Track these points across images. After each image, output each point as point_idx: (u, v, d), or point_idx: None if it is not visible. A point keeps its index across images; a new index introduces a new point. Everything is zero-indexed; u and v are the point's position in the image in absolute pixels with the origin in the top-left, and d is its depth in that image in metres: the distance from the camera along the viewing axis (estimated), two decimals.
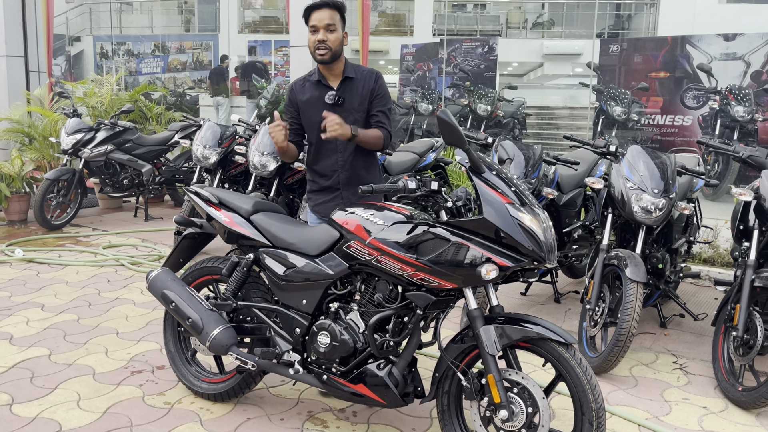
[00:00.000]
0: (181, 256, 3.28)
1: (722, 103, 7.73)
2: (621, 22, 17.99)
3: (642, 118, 8.67)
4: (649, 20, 16.40)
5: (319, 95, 3.05)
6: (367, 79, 3.07)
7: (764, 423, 3.01)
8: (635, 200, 3.46)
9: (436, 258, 2.36)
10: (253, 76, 11.44)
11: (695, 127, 8.74)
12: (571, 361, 2.29)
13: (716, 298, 4.84)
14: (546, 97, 12.42)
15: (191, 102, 14.10)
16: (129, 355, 3.63)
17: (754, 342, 3.11)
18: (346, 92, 3.04)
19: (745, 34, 8.49)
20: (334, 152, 3.08)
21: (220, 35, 16.70)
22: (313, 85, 3.08)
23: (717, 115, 7.87)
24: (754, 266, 3.21)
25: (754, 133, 7.89)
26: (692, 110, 8.75)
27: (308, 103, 3.07)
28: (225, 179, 5.92)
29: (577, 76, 16.72)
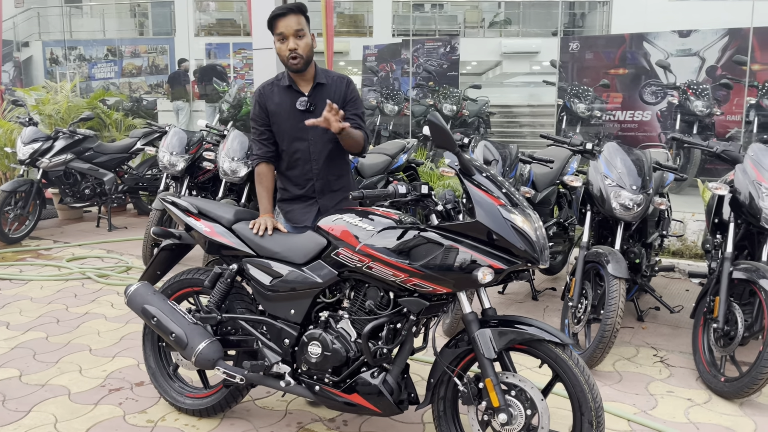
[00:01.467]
0: (159, 268, 3.17)
1: (681, 98, 7.92)
2: (575, 21, 18.34)
3: (604, 115, 8.82)
4: (603, 18, 16.77)
5: (290, 101, 2.96)
6: (338, 85, 3.01)
7: (748, 412, 3.07)
8: (614, 197, 3.50)
9: (430, 263, 2.32)
10: (214, 80, 11.24)
11: (654, 122, 8.94)
12: (568, 361, 2.29)
13: (687, 289, 4.95)
14: (507, 96, 12.55)
15: (148, 107, 13.79)
16: (105, 372, 3.50)
17: (735, 333, 3.17)
18: (318, 98, 2.96)
19: (700, 31, 8.72)
20: (307, 161, 3.00)
21: (176, 38, 16.38)
22: (283, 90, 2.98)
23: (676, 110, 8.06)
24: (732, 258, 3.27)
25: (712, 126, 8.12)
26: (651, 106, 8.95)
27: (279, 109, 2.97)
28: (193, 186, 5.78)
29: (535, 74, 16.98)
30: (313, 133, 2.95)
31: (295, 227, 3.04)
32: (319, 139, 2.96)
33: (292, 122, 2.95)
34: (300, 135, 2.97)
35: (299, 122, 2.93)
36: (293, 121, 2.95)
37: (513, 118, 10.76)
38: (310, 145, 2.98)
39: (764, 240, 3.37)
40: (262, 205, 3.01)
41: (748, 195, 3.21)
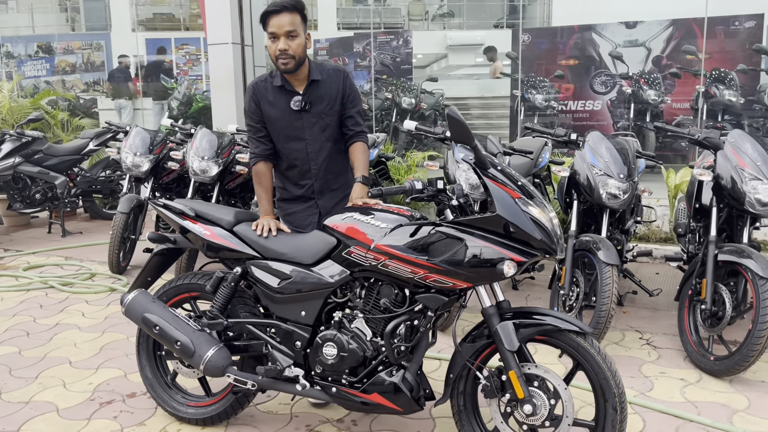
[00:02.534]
0: (150, 274, 3.05)
1: (634, 87, 8.16)
2: (516, 13, 18.64)
3: (558, 105, 9.02)
4: (544, 10, 17.11)
5: (284, 101, 2.88)
6: (334, 79, 2.92)
7: (739, 389, 3.20)
8: (602, 186, 3.57)
9: (451, 258, 2.31)
10: (162, 77, 10.87)
11: (605, 110, 9.20)
12: (590, 349, 2.32)
13: (657, 273, 5.12)
14: (459, 88, 12.64)
15: (85, 106, 13.24)
16: (91, 385, 3.35)
17: (723, 314, 3.30)
18: (313, 96, 2.88)
19: (645, 22, 9.01)
20: (305, 161, 2.94)
21: (112, 34, 15.77)
22: (276, 90, 2.88)
23: (630, 99, 8.31)
24: (716, 241, 3.40)
25: (661, 114, 8.42)
26: (601, 95, 9.21)
27: (273, 111, 2.89)
28: (157, 187, 5.58)
29: (480, 65, 17.17)
30: (310, 133, 2.89)
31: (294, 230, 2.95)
32: (317, 139, 2.90)
33: (288, 123, 2.87)
34: (297, 135, 2.89)
35: (295, 122, 2.87)
36: (289, 122, 2.87)
37: (468, 110, 10.85)
38: (308, 144, 2.91)
39: (744, 223, 3.51)
40: (263, 206, 2.93)
41: (731, 180, 3.34)
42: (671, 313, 4.25)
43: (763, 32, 8.29)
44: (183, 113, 9.68)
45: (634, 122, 8.14)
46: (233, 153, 5.18)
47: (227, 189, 5.35)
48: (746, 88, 7.90)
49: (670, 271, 5.13)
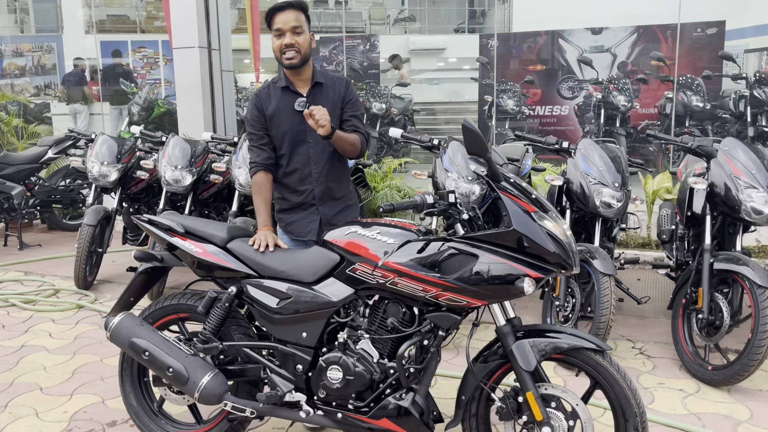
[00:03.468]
0: (133, 294, 2.84)
1: (604, 92, 8.24)
2: (476, 18, 18.78)
3: (527, 110, 9.05)
4: (504, 15, 17.26)
5: (287, 102, 2.85)
6: (336, 85, 2.91)
7: (738, 398, 3.19)
8: (597, 194, 3.53)
9: (466, 275, 2.20)
10: (121, 81, 10.49)
11: (572, 115, 9.29)
12: (609, 368, 2.25)
13: (639, 279, 5.13)
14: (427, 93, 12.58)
15: (37, 110, 12.71)
16: (67, 414, 3.12)
17: (721, 323, 3.28)
18: (317, 98, 2.85)
19: (611, 28, 9.13)
20: (306, 164, 2.88)
21: (64, 36, 15.22)
22: (280, 92, 2.86)
23: (599, 105, 8.38)
24: (711, 250, 3.38)
25: (629, 119, 8.52)
26: (568, 100, 9.29)
27: (276, 111, 2.85)
28: (125, 197, 5.33)
29: (442, 70, 17.20)
30: (312, 136, 2.83)
31: (297, 240, 2.88)
32: (320, 142, 2.84)
33: (292, 124, 2.83)
34: (300, 137, 2.85)
35: (299, 124, 2.82)
36: (292, 123, 2.83)
37: (436, 115, 10.81)
38: (310, 147, 2.86)
39: (736, 230, 3.51)
40: (261, 218, 2.80)
41: (726, 188, 3.33)
42: (659, 320, 4.26)
43: (725, 39, 8.49)
44: (144, 119, 9.35)
45: (604, 127, 8.21)
46: (207, 162, 4.98)
47: (200, 199, 5.14)
48: (711, 93, 8.06)
49: (651, 277, 5.15)
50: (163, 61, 13.51)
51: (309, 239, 2.87)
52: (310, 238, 2.87)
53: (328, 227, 2.77)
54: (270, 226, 2.75)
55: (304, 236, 2.88)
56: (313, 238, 2.87)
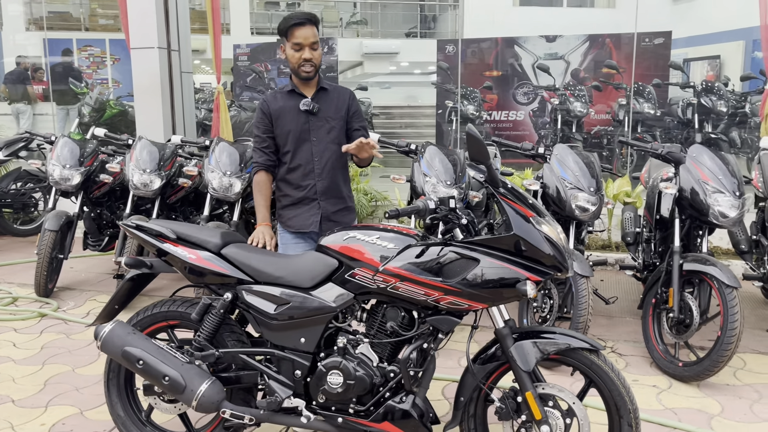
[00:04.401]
0: (119, 302, 2.78)
1: (561, 99, 8.47)
2: (428, 23, 19.00)
3: (485, 115, 9.22)
4: (455, 21, 17.52)
5: (293, 103, 3.04)
6: (341, 94, 3.13)
7: (708, 393, 3.34)
8: (573, 199, 3.64)
9: (469, 279, 2.25)
10: (71, 80, 10.13)
11: (527, 121, 9.51)
12: (603, 366, 2.33)
13: (602, 279, 5.30)
14: (381, 96, 12.68)
15: None
16: (44, 426, 3.02)
17: (691, 321, 3.43)
18: (321, 101, 3.06)
19: (564, 36, 9.40)
20: (310, 161, 3.05)
21: (3, 33, 14.61)
22: (286, 95, 3.06)
23: (556, 110, 8.61)
24: (680, 252, 3.54)
25: (583, 125, 8.79)
26: (524, 106, 9.51)
27: (282, 111, 3.04)
28: (86, 201, 5.17)
29: (395, 74, 17.34)
30: (316, 134, 3.03)
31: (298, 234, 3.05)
32: (322, 140, 3.03)
33: (296, 123, 3.01)
34: (304, 136, 3.02)
35: (303, 123, 3.01)
36: (297, 122, 3.01)
37: (394, 119, 10.89)
38: (313, 146, 3.03)
39: (702, 233, 3.68)
40: (260, 214, 2.97)
41: (694, 193, 3.49)
42: (625, 319, 4.42)
43: (671, 48, 8.87)
44: (95, 120, 9.08)
45: (561, 133, 8.45)
46: (176, 165, 4.89)
47: (168, 203, 5.04)
48: (660, 101, 8.40)
49: (614, 278, 5.34)
50: (110, 60, 13.13)
51: (311, 230, 3.03)
52: (312, 229, 3.02)
53: (327, 223, 3.06)
54: (268, 222, 2.83)
55: (306, 228, 3.03)
56: (315, 230, 3.03)
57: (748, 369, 3.63)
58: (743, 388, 3.41)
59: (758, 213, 4.42)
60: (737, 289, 3.26)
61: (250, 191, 4.64)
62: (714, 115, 7.97)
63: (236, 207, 4.52)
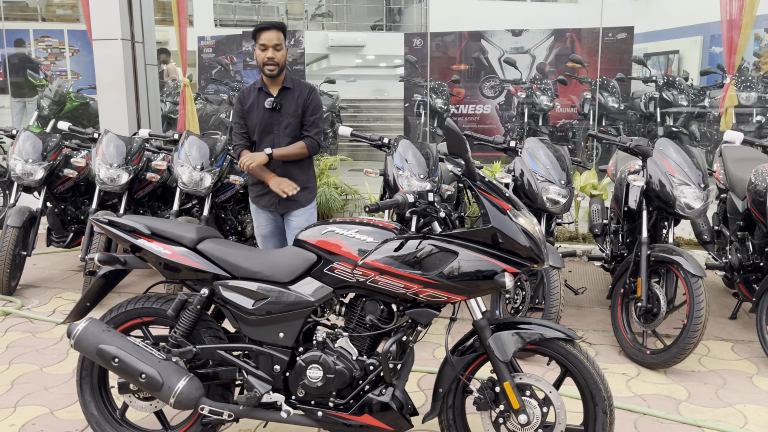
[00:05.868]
0: (91, 299, 2.73)
1: (528, 92, 8.56)
2: (393, 16, 18.95)
3: (452, 108, 9.27)
4: (421, 14, 17.52)
5: (260, 101, 3.55)
6: (302, 90, 3.60)
7: (675, 379, 3.44)
8: (544, 191, 3.70)
9: (447, 272, 2.28)
10: (29, 72, 9.84)
11: (494, 114, 9.60)
12: (578, 356, 2.38)
13: (570, 270, 5.40)
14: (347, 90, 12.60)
15: None
16: (14, 427, 2.95)
17: (658, 310, 3.52)
18: (284, 99, 3.56)
19: (530, 30, 9.50)
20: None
21: None
22: (256, 92, 3.58)
23: (523, 104, 8.70)
24: (647, 242, 3.63)
25: (548, 119, 8.91)
26: (490, 99, 9.59)
27: (251, 108, 3.57)
28: (50, 196, 5.05)
29: (361, 66, 17.27)
30: (277, 128, 3.54)
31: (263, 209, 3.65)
32: (281, 134, 3.56)
33: (261, 118, 3.54)
34: (267, 129, 3.54)
35: (267, 118, 3.54)
36: (261, 117, 3.54)
37: (361, 113, 10.86)
38: (275, 138, 3.56)
39: (669, 224, 3.78)
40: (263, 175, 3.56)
41: (661, 185, 3.57)
42: (594, 309, 4.51)
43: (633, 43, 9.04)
44: (55, 113, 8.85)
45: (528, 127, 8.54)
46: (143, 159, 4.80)
47: (135, 198, 4.95)
48: (623, 95, 8.56)
49: (581, 269, 5.44)
50: (69, 51, 12.80)
51: (273, 210, 3.64)
52: (273, 209, 3.63)
53: (286, 202, 3.58)
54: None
55: (268, 207, 3.64)
56: (277, 211, 3.64)
57: (712, 356, 3.74)
58: (708, 374, 3.51)
59: (720, 204, 4.56)
60: (702, 278, 3.36)
61: (220, 186, 4.59)
62: (675, 109, 8.15)
63: (206, 201, 4.47)
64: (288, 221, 3.67)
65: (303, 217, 3.63)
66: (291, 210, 3.63)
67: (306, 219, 3.62)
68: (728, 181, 4.35)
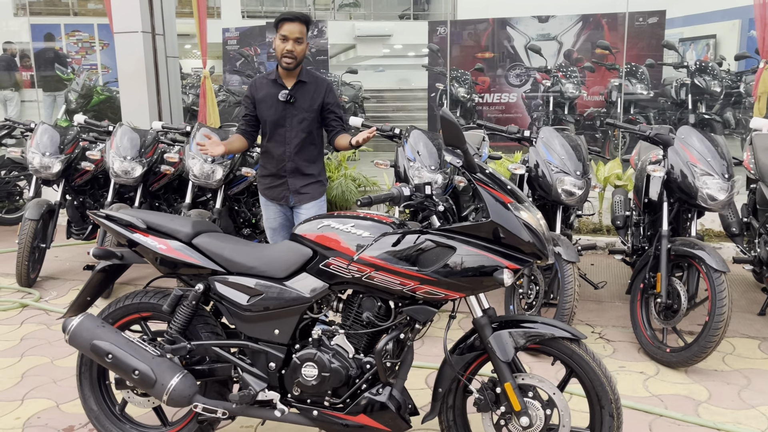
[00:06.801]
0: (90, 294, 2.71)
1: (553, 80, 8.35)
2: (422, 4, 18.76)
3: (477, 97, 9.10)
4: (449, 3, 17.29)
5: (273, 93, 3.41)
6: (318, 86, 3.46)
7: (695, 379, 3.29)
8: (559, 183, 3.56)
9: (444, 268, 2.18)
10: (57, 66, 9.98)
11: (520, 103, 9.40)
12: (584, 356, 2.27)
13: (592, 264, 5.24)
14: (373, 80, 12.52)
15: None
16: (20, 420, 2.96)
17: (679, 306, 3.37)
18: (298, 93, 3.42)
19: (557, 16, 9.25)
20: (282, 144, 3.46)
21: None
22: (270, 83, 3.44)
23: (548, 92, 8.49)
24: (668, 236, 3.47)
25: (575, 107, 8.68)
26: (516, 88, 9.39)
27: (263, 99, 3.43)
28: (69, 190, 5.08)
29: (388, 56, 17.14)
30: (290, 122, 3.42)
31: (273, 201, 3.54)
32: (295, 128, 3.44)
33: (274, 110, 3.41)
34: (280, 122, 3.43)
35: (280, 111, 3.41)
36: (275, 110, 3.41)
37: (386, 102, 10.76)
38: (287, 131, 3.44)
39: (691, 216, 3.61)
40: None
41: (683, 175, 3.41)
42: (615, 304, 4.36)
43: (665, 28, 8.74)
44: (82, 106, 8.96)
45: (553, 114, 8.34)
46: (158, 152, 4.80)
47: (151, 191, 4.96)
48: (653, 81, 8.29)
49: (604, 262, 5.28)
50: (99, 45, 12.96)
51: (283, 203, 3.54)
52: (284, 202, 3.53)
53: (297, 195, 3.51)
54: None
55: (278, 201, 3.54)
56: (287, 203, 3.53)
57: (737, 354, 3.58)
58: (732, 373, 3.35)
59: (749, 195, 4.35)
60: (725, 273, 3.20)
61: (232, 177, 4.56)
62: (708, 96, 7.85)
63: (219, 194, 4.44)
64: (298, 214, 3.60)
65: (313, 210, 3.56)
66: (301, 203, 3.55)
67: (316, 212, 3.54)
68: (758, 171, 4.13)
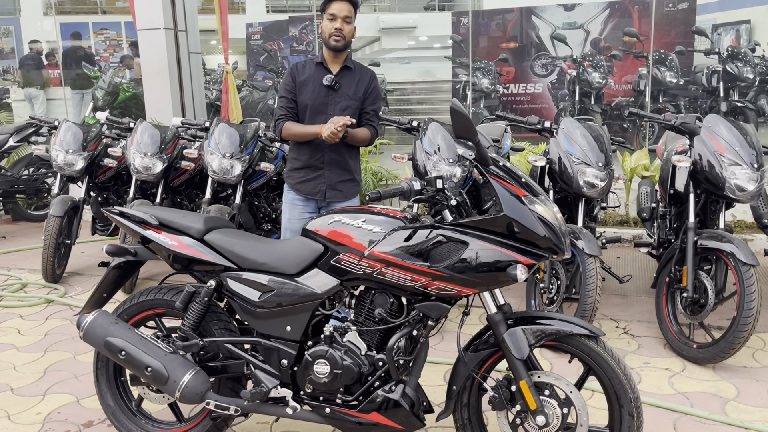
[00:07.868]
0: (106, 290, 2.71)
1: (578, 69, 8.19)
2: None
3: (501, 88, 8.98)
4: None
5: (318, 76, 3.22)
6: (363, 75, 3.31)
7: (723, 376, 3.19)
8: (581, 174, 3.48)
9: (456, 264, 2.13)
10: (84, 64, 10.13)
11: (546, 93, 9.25)
12: (603, 354, 2.20)
13: (618, 257, 5.13)
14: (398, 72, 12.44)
15: None
16: (40, 415, 2.99)
17: (705, 301, 3.27)
18: (343, 79, 3.24)
19: (583, 4, 9.07)
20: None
21: (21, 18, 14.67)
22: (314, 66, 3.26)
23: (573, 82, 8.33)
24: (695, 228, 3.36)
25: (602, 96, 8.50)
26: (542, 78, 9.24)
27: (306, 81, 3.24)
28: (92, 187, 5.14)
29: (413, 48, 17.05)
30: (332, 109, 3.21)
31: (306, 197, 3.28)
32: (336, 114, 3.17)
33: (316, 95, 3.22)
34: (321, 108, 3.22)
35: (322, 96, 3.22)
36: (316, 94, 3.22)
37: (410, 95, 10.69)
38: (327, 118, 3.17)
39: (719, 208, 3.49)
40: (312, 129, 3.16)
41: (709, 166, 3.29)
42: (641, 299, 4.25)
43: (696, 14, 8.50)
44: (109, 104, 9.06)
45: (578, 105, 8.18)
46: (178, 148, 4.82)
47: (172, 186, 4.98)
48: (683, 69, 8.07)
49: (630, 255, 5.16)
50: (126, 43, 13.12)
51: (319, 198, 3.27)
52: (319, 197, 3.27)
53: (332, 191, 3.27)
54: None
55: (312, 196, 3.27)
56: (321, 198, 3.27)
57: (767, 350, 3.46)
58: (762, 370, 3.24)
59: None
60: (755, 266, 3.09)
61: (251, 173, 4.55)
62: (740, 83, 7.62)
63: (238, 189, 4.44)
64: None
65: None
66: (333, 201, 3.30)
67: None
68: None
